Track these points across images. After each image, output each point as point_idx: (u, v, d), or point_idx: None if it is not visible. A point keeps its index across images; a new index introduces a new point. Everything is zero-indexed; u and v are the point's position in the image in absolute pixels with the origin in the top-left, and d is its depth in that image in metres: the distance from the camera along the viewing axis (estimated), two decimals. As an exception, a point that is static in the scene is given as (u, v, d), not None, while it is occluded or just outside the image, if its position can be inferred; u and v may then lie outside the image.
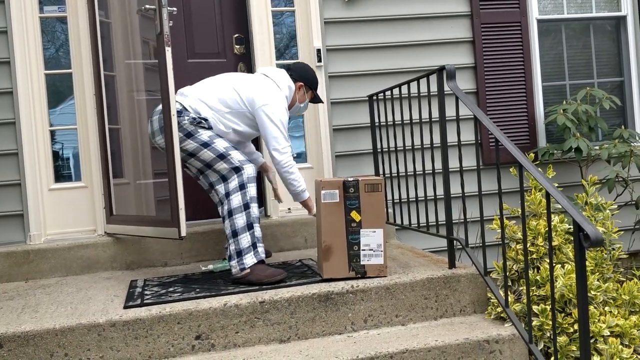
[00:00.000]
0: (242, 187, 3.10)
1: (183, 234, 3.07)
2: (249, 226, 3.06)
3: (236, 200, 3.08)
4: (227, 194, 3.11)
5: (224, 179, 3.16)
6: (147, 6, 3.10)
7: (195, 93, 3.28)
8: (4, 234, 3.84)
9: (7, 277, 3.61)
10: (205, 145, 3.16)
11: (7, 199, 3.85)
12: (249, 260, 3.01)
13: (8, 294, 3.28)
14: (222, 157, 3.15)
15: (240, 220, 3.05)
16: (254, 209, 3.10)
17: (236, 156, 3.16)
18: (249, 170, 3.13)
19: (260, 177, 4.18)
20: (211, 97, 3.25)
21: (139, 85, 4.14)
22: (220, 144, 3.18)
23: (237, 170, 3.13)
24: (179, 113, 3.15)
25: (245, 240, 3.03)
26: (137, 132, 3.60)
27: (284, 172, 3.27)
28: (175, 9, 3.24)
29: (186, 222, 3.51)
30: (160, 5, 3.06)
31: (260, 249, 3.07)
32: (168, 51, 3.06)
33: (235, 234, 3.04)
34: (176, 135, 3.08)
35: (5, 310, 2.90)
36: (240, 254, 3.02)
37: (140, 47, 3.64)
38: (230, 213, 3.07)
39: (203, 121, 3.19)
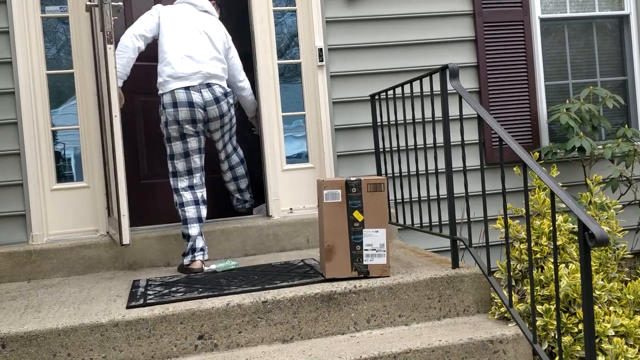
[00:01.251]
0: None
1: (125, 241, 3.14)
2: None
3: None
4: (242, 160, 4.14)
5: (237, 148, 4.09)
6: (88, 3, 3.01)
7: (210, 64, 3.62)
8: (6, 234, 3.84)
9: (9, 277, 3.61)
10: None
11: (9, 199, 3.84)
12: None
13: (10, 294, 3.27)
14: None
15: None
16: None
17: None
18: None
19: (262, 176, 4.18)
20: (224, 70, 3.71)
21: (139, 86, 4.15)
22: None
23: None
24: (227, 94, 3.65)
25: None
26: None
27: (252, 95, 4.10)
28: (121, 3, 3.20)
29: None
30: (102, 1, 2.99)
31: None
32: (110, 49, 3.00)
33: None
34: (119, 138, 3.10)
35: (7, 311, 2.89)
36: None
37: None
38: (245, 175, 4.17)
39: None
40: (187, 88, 3.47)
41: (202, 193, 3.55)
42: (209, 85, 3.53)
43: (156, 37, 3.63)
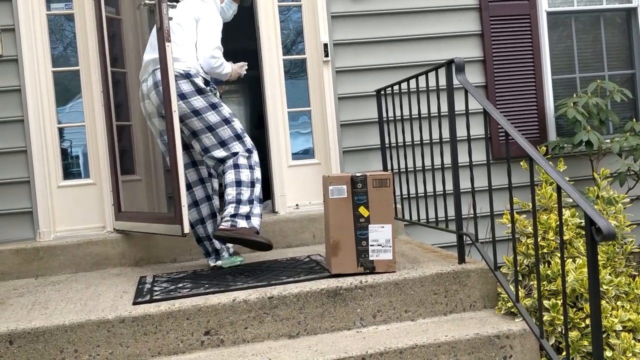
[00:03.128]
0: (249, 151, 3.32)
1: (186, 230, 3.07)
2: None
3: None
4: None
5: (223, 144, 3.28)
6: (147, 1, 3.07)
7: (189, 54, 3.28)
8: (13, 231, 3.86)
9: (17, 274, 3.63)
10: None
11: (17, 197, 3.86)
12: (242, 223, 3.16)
13: (18, 291, 3.29)
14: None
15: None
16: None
17: (238, 125, 3.31)
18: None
19: (267, 170, 4.18)
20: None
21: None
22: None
23: (239, 137, 3.28)
24: (190, 75, 3.20)
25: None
26: (148, 128, 3.59)
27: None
28: (175, 3, 3.23)
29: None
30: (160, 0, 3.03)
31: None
32: (169, 47, 3.04)
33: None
34: (178, 133, 3.07)
35: (15, 307, 2.91)
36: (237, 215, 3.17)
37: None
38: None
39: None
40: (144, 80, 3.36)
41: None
42: (153, 72, 3.28)
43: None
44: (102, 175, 3.92)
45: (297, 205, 4.17)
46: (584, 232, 3.07)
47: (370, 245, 2.91)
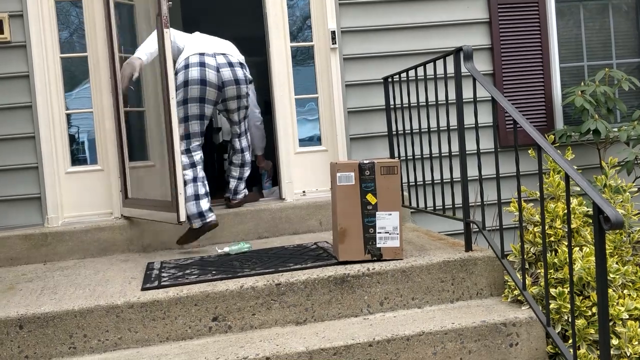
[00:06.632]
0: None
1: (182, 218, 3.09)
2: None
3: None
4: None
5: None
6: None
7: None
8: (22, 217, 3.88)
9: (25, 260, 3.65)
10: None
11: (25, 182, 3.88)
12: None
13: (27, 276, 3.31)
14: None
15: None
16: None
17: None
18: None
19: (275, 158, 4.18)
20: None
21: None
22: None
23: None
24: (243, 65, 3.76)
25: None
26: (160, 115, 3.62)
27: None
28: None
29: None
30: None
31: None
32: (167, 33, 3.04)
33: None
34: (175, 119, 3.18)
35: (24, 292, 2.93)
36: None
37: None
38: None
39: None
40: None
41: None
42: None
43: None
44: (109, 161, 3.93)
45: (303, 192, 4.18)
46: (591, 221, 3.07)
47: (378, 233, 2.92)
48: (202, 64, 3.55)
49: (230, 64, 3.65)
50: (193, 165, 3.57)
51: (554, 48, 4.50)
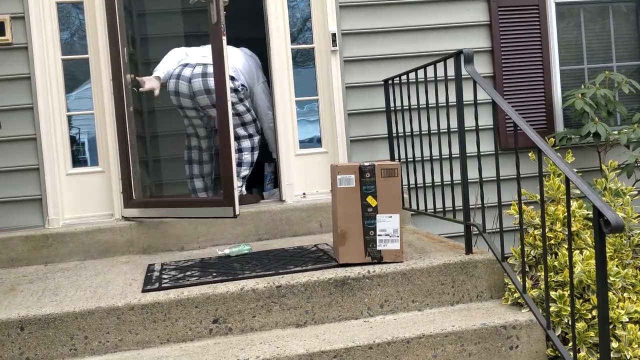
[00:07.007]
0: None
1: (237, 212, 3.32)
2: None
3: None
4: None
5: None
6: None
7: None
8: (23, 218, 3.88)
9: (26, 261, 3.65)
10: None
11: (26, 184, 3.88)
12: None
13: (28, 277, 3.32)
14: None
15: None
16: None
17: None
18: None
19: (275, 161, 4.19)
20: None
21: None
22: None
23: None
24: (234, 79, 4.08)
25: None
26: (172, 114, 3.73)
27: None
28: None
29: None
30: None
31: None
32: (224, 39, 3.27)
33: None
34: (231, 122, 3.39)
35: (26, 294, 2.94)
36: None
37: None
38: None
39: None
40: None
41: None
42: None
43: None
44: (110, 163, 3.93)
45: (303, 194, 4.18)
46: (591, 224, 3.07)
47: (378, 235, 2.93)
48: (177, 76, 4.08)
49: (204, 75, 4.01)
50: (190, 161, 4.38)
51: (554, 51, 4.51)
